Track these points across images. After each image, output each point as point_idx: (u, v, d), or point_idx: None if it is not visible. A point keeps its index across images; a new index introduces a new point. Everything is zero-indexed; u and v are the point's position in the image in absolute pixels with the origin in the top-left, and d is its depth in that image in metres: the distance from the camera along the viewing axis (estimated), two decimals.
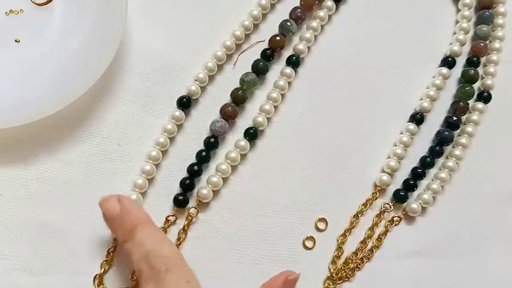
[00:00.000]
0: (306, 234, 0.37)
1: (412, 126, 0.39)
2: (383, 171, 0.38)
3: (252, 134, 0.37)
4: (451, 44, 0.41)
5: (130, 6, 0.36)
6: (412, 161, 0.39)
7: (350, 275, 0.36)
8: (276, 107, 0.39)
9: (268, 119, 0.38)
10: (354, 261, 0.36)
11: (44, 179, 0.35)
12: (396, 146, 0.39)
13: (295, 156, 0.38)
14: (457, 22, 0.42)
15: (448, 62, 0.41)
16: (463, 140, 0.39)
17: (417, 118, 0.39)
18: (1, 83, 0.35)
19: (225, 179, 0.37)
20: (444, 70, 0.40)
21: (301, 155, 0.38)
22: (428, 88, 0.40)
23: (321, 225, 0.37)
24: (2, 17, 0.37)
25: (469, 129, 0.39)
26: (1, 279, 0.33)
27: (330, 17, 0.41)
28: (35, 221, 0.34)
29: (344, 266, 0.36)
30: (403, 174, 0.39)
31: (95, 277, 0.34)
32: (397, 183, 0.38)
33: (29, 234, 0.34)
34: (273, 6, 0.41)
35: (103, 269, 0.34)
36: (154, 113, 0.38)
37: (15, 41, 0.37)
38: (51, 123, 0.36)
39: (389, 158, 0.38)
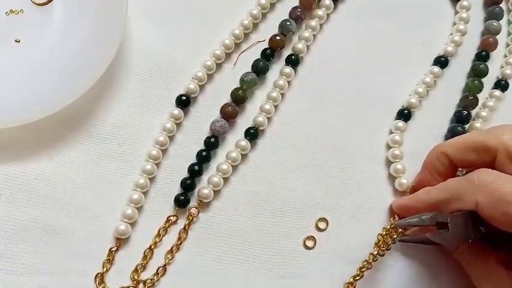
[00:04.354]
0: (307, 233, 0.37)
1: (401, 123, 0.39)
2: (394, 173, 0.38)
3: (253, 134, 0.37)
4: (446, 44, 0.42)
5: (130, 6, 0.36)
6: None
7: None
8: (276, 107, 0.39)
9: (269, 119, 0.38)
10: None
11: (44, 178, 0.35)
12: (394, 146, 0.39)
13: (295, 155, 0.38)
14: (454, 24, 0.43)
15: (441, 61, 0.41)
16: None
17: (405, 114, 0.40)
18: (1, 83, 0.35)
19: (225, 179, 0.37)
20: (436, 69, 0.41)
21: (301, 154, 0.38)
22: (417, 85, 0.41)
23: (322, 225, 0.37)
24: (2, 17, 0.37)
25: (477, 125, 0.40)
26: (2, 279, 0.33)
27: (328, 16, 0.42)
28: (36, 220, 0.34)
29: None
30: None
31: (96, 276, 0.33)
32: None
33: (29, 234, 0.34)
34: (272, 5, 0.41)
35: (104, 268, 0.34)
36: (154, 112, 0.38)
37: (15, 41, 0.37)
38: (51, 123, 0.36)
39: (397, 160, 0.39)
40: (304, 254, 0.36)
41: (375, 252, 0.35)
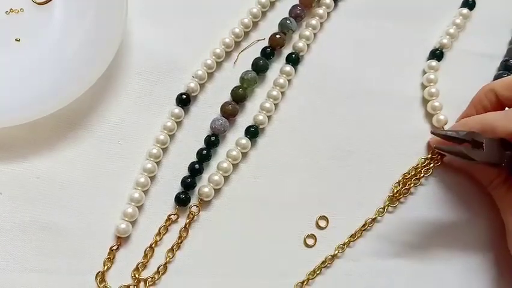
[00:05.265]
0: (307, 232, 0.37)
1: (434, 63, 0.40)
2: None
3: (253, 133, 0.37)
4: None
5: (130, 6, 0.36)
6: None
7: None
8: (276, 105, 0.39)
9: (269, 117, 0.38)
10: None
11: (44, 178, 0.35)
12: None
13: (296, 154, 0.38)
14: None
15: (469, 4, 0.43)
16: None
17: (437, 54, 0.41)
18: (1, 82, 0.35)
19: (226, 177, 0.37)
20: (465, 10, 0.42)
21: (302, 152, 0.38)
22: (448, 27, 0.42)
23: (322, 223, 0.37)
24: (2, 16, 0.37)
25: None
26: (3, 278, 0.33)
27: (329, 14, 0.41)
28: (36, 220, 0.34)
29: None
30: None
31: (97, 274, 0.34)
32: None
33: (30, 232, 0.34)
34: (272, 4, 0.41)
35: (105, 267, 0.34)
36: (155, 111, 0.38)
37: (16, 40, 0.37)
38: (51, 123, 0.36)
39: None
40: (305, 252, 0.36)
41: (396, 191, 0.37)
